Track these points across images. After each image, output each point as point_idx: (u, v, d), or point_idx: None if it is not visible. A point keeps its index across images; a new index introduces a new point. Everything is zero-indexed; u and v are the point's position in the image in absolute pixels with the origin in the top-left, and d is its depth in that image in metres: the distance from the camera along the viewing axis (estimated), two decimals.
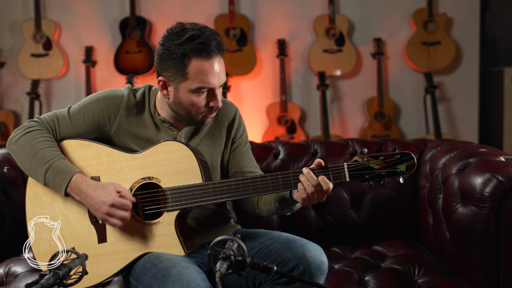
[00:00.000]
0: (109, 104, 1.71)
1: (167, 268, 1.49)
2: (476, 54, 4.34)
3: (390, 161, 1.54)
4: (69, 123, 1.71)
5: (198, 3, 4.31)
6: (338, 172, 1.54)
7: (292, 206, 1.68)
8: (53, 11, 4.33)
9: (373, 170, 1.54)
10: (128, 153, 1.67)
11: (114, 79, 4.28)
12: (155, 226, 1.62)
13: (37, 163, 1.62)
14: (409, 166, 1.54)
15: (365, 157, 1.55)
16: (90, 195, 1.58)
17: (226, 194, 1.60)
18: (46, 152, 1.62)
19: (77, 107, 1.74)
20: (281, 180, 1.57)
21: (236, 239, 1.24)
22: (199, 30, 1.58)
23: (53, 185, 1.62)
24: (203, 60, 1.58)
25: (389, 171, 1.54)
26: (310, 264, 1.53)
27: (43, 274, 1.16)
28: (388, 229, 2.30)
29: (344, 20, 4.23)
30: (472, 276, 1.81)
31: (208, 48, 1.57)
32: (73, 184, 1.59)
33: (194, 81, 1.59)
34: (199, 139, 1.78)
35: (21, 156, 1.65)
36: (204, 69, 1.58)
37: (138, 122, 1.73)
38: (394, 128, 4.25)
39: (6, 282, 1.88)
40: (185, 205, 1.60)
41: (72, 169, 1.61)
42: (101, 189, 1.58)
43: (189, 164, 1.61)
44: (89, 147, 1.69)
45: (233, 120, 1.82)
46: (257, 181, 1.59)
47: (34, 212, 1.69)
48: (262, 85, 4.36)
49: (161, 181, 1.63)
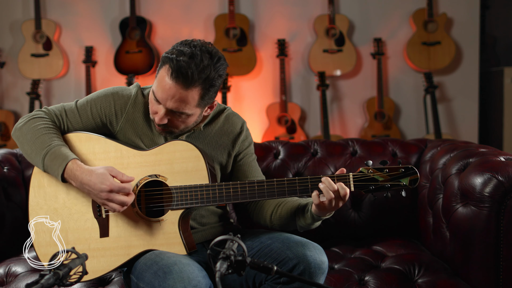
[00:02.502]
0: (116, 100, 1.73)
1: (168, 265, 1.50)
2: (476, 54, 4.34)
3: (394, 174, 1.59)
4: (76, 115, 1.73)
5: (198, 3, 4.32)
6: (343, 181, 1.58)
7: (310, 224, 1.67)
8: (53, 11, 4.33)
9: (377, 182, 1.59)
10: (136, 150, 1.68)
11: (114, 79, 4.28)
12: (159, 224, 1.63)
13: (36, 149, 1.63)
14: (412, 180, 1.60)
15: (370, 168, 1.59)
16: (86, 182, 1.58)
17: (233, 196, 1.61)
18: (46, 138, 1.63)
19: (85, 100, 1.75)
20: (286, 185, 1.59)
21: (236, 239, 1.24)
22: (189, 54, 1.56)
23: (51, 170, 1.62)
24: (167, 74, 1.57)
25: (393, 184, 1.59)
26: (310, 263, 1.54)
27: (43, 274, 1.16)
28: (388, 229, 2.30)
29: (344, 20, 4.23)
30: (472, 276, 1.81)
31: (178, 70, 1.55)
32: (68, 170, 1.59)
33: (155, 84, 1.62)
34: (201, 146, 1.76)
35: (24, 142, 1.67)
36: (161, 80, 1.59)
37: (143, 120, 1.74)
38: (394, 128, 4.26)
39: (6, 282, 1.88)
40: (190, 204, 1.61)
41: (68, 155, 1.61)
42: (96, 175, 1.57)
43: (196, 164, 1.63)
44: (98, 141, 1.70)
45: (240, 132, 1.82)
46: (263, 185, 1.60)
47: (37, 203, 1.69)
48: (262, 85, 4.36)
49: (168, 180, 1.64)
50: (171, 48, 1.61)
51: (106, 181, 1.56)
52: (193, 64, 1.55)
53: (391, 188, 1.59)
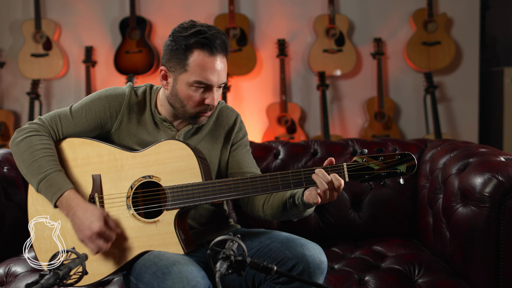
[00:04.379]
0: (111, 102, 1.72)
1: (167, 266, 1.49)
2: (476, 54, 4.34)
3: (390, 162, 1.53)
4: (71, 121, 1.73)
5: (198, 3, 4.32)
6: (338, 172, 1.53)
7: (302, 211, 1.65)
8: (53, 11, 4.33)
9: (372, 171, 1.53)
10: (129, 152, 1.68)
11: (114, 79, 4.28)
12: (155, 225, 1.63)
13: (32, 171, 1.64)
14: (409, 167, 1.53)
15: (365, 157, 1.54)
16: (78, 216, 1.60)
17: (226, 193, 1.59)
18: (43, 162, 1.64)
19: (79, 106, 1.75)
20: (280, 179, 1.57)
21: (236, 239, 1.24)
22: (207, 27, 1.62)
23: (44, 195, 1.65)
24: (204, 55, 1.60)
25: (389, 172, 1.53)
26: (309, 263, 1.53)
27: (43, 274, 1.16)
28: (388, 229, 2.30)
29: (344, 20, 4.23)
30: (472, 276, 1.81)
31: (212, 44, 1.60)
32: (63, 200, 1.62)
33: (193, 74, 1.61)
34: (198, 140, 1.79)
35: (20, 160, 1.68)
36: (204, 64, 1.60)
37: (138, 120, 1.74)
38: (394, 128, 4.25)
39: (6, 282, 1.88)
40: (184, 203, 1.60)
41: (64, 185, 1.63)
42: (91, 213, 1.60)
43: (189, 163, 1.62)
44: (91, 145, 1.70)
45: (234, 124, 1.84)
46: (256, 180, 1.58)
47: (35, 210, 1.69)
48: (262, 85, 4.36)
49: (161, 180, 1.63)
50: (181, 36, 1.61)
51: (98, 222, 1.58)
52: (217, 32, 1.62)
53: (387, 176, 1.53)
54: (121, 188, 1.66)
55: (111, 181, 1.67)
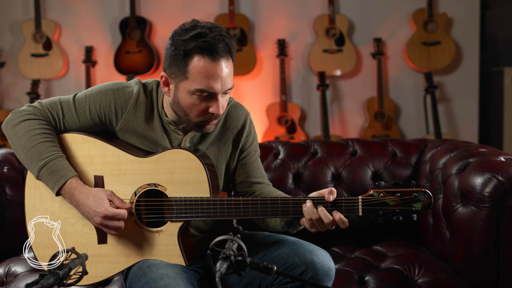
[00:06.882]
0: (117, 98, 1.63)
1: (154, 279, 1.46)
2: (476, 54, 4.34)
3: (406, 199, 1.47)
4: (74, 112, 1.63)
5: (198, 3, 4.32)
6: (352, 205, 1.49)
7: (298, 227, 1.63)
8: (53, 11, 4.33)
9: (387, 207, 1.48)
10: (135, 156, 1.59)
11: (114, 79, 4.28)
12: (157, 235, 1.59)
13: (32, 157, 1.55)
14: (425, 205, 1.47)
15: (381, 192, 1.48)
16: (82, 203, 1.53)
17: (234, 212, 1.54)
18: (43, 148, 1.55)
19: (84, 96, 1.64)
20: (291, 205, 1.52)
21: (236, 239, 1.24)
22: (208, 28, 1.48)
23: (46, 182, 1.56)
24: (206, 60, 1.47)
25: (403, 209, 1.48)
26: (318, 270, 1.51)
27: (43, 274, 1.16)
28: (388, 229, 2.30)
29: (344, 20, 4.23)
30: (472, 276, 1.81)
31: (213, 49, 1.46)
32: (66, 188, 1.54)
33: (194, 82, 1.49)
34: (206, 146, 1.70)
35: (17, 144, 1.58)
36: (206, 71, 1.48)
37: (145, 121, 1.65)
38: (394, 128, 4.25)
39: (6, 282, 1.88)
40: (190, 217, 1.55)
41: (68, 172, 1.55)
42: (93, 197, 1.53)
43: (197, 176, 1.55)
44: (95, 144, 1.62)
45: (242, 127, 1.75)
46: (267, 202, 1.53)
47: (33, 204, 1.65)
48: (262, 85, 4.36)
49: (167, 190, 1.57)
50: (181, 40, 1.48)
51: (101, 206, 1.51)
52: (219, 33, 1.48)
53: (401, 213, 1.47)
54: (124, 193, 1.59)
55: (114, 184, 1.60)
